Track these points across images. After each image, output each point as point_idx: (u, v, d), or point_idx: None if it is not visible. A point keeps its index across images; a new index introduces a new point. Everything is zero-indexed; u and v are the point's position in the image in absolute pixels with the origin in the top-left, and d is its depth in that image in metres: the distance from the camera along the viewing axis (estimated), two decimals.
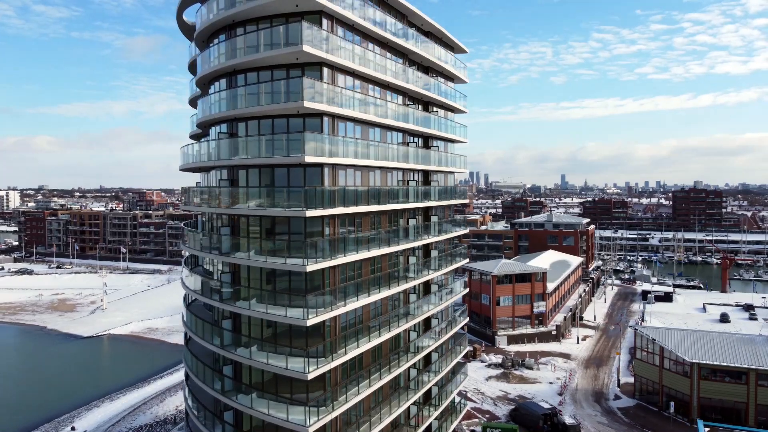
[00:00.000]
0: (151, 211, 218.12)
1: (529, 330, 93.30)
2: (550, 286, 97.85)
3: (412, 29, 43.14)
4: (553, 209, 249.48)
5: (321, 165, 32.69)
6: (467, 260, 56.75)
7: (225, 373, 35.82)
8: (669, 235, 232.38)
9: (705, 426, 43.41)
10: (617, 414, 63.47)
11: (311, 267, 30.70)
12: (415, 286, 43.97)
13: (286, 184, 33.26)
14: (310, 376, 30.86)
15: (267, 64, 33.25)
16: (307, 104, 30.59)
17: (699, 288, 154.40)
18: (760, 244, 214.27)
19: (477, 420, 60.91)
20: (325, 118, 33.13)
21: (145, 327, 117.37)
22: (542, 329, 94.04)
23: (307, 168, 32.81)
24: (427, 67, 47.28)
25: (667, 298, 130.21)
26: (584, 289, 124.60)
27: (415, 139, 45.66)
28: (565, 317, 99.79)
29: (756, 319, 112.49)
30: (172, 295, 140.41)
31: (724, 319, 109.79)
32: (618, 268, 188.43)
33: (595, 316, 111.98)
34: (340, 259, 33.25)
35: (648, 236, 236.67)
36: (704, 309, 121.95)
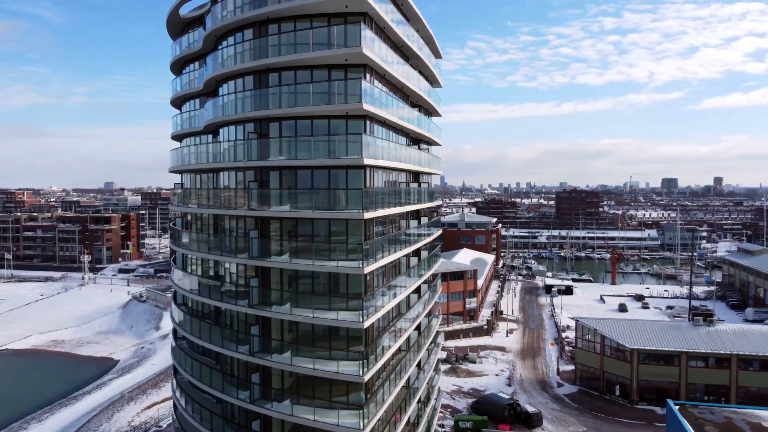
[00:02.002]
0: (36, 213, 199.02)
1: (463, 326, 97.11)
2: (479, 283, 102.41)
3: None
4: (454, 210, 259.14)
5: (364, 167, 32.70)
6: (440, 260, 58.43)
7: (254, 381, 34.59)
8: (555, 233, 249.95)
9: (675, 404, 47.89)
10: (565, 400, 68.20)
11: (369, 269, 30.73)
12: (418, 287, 44.89)
13: (327, 186, 32.86)
14: (366, 378, 30.87)
15: (307, 63, 32.63)
16: (366, 107, 30.54)
17: (590, 281, 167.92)
18: (633, 240, 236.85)
19: (441, 414, 62.75)
20: (367, 120, 33.18)
21: (49, 340, 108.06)
22: (474, 324, 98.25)
23: (349, 170, 32.67)
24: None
25: (568, 291, 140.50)
26: (499, 285, 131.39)
27: (409, 140, 46.54)
28: (491, 312, 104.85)
29: (648, 308, 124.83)
30: (73, 303, 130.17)
31: (622, 308, 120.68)
32: (514, 264, 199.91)
33: (512, 311, 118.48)
34: (381, 261, 33.47)
35: (537, 234, 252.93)
36: (602, 300, 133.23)
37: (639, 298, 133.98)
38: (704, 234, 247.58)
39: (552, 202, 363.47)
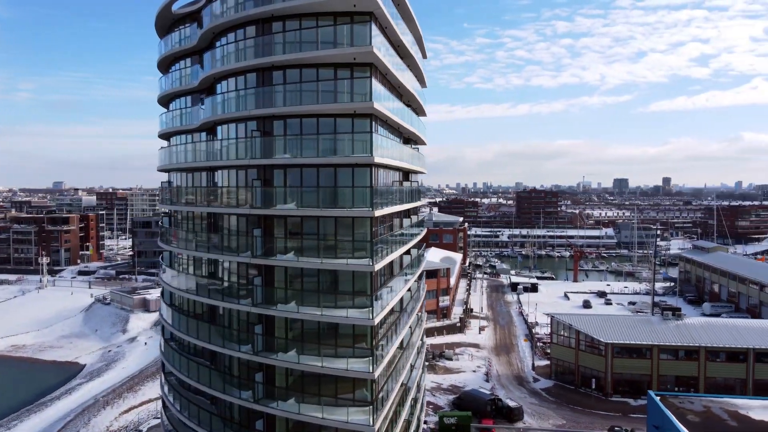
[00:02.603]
0: None
1: (437, 323, 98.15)
2: (451, 282, 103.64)
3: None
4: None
5: (371, 165, 32.93)
6: (425, 260, 59.03)
7: (257, 380, 34.38)
8: (516, 232, 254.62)
9: (656, 395, 49.80)
10: (542, 394, 69.83)
11: (378, 266, 31.01)
12: (410, 286, 45.32)
13: (333, 184, 32.96)
14: (376, 374, 31.15)
15: (313, 62, 32.64)
16: (376, 105, 30.80)
17: (552, 279, 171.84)
18: (591, 238, 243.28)
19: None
20: (373, 119, 33.40)
21: (9, 345, 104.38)
22: (448, 322, 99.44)
23: (356, 168, 32.84)
24: None
25: (533, 288, 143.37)
26: (467, 284, 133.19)
27: (401, 139, 46.95)
28: (463, 310, 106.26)
29: (611, 304, 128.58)
30: (32, 307, 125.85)
31: (586, 305, 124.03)
32: (479, 263, 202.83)
33: (482, 308, 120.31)
34: (386, 259, 33.80)
35: (498, 233, 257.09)
36: (567, 297, 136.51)
37: (601, 294, 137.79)
38: (657, 232, 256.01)
39: (511, 202, 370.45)
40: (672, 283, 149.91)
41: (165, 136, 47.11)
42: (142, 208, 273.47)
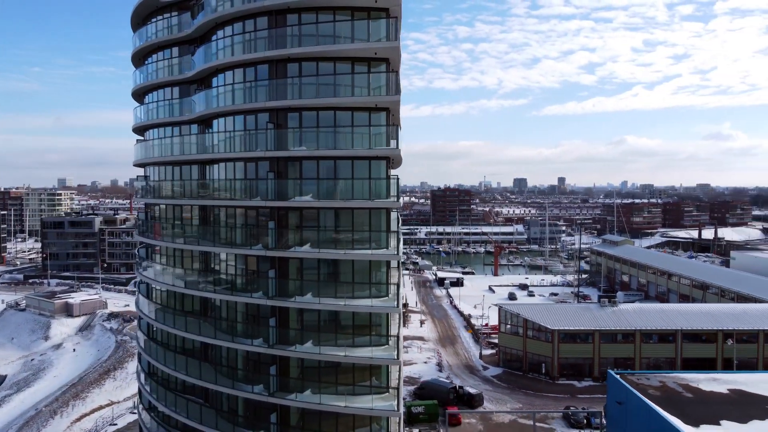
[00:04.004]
0: None
1: None
2: None
3: None
4: None
5: (387, 158, 33.80)
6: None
7: (271, 373, 34.21)
8: (433, 229, 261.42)
9: (616, 374, 53.77)
10: (495, 381, 73.14)
11: (401, 255, 31.93)
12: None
13: (351, 176, 33.46)
14: (401, 360, 32.09)
15: (331, 55, 32.98)
16: (397, 99, 31.71)
17: (472, 274, 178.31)
18: (504, 234, 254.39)
19: None
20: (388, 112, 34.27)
21: None
22: None
23: (372, 161, 33.54)
24: None
25: (459, 283, 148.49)
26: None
27: None
28: (403, 304, 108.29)
29: (534, 296, 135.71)
30: None
31: (511, 297, 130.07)
32: (403, 260, 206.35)
33: (416, 303, 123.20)
34: (400, 249, 34.79)
35: (416, 231, 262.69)
36: (492, 290, 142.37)
37: (523, 287, 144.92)
38: (563, 228, 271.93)
39: (423, 200, 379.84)
40: (586, 275, 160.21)
41: (141, 129, 45.37)
42: (40, 208, 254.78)
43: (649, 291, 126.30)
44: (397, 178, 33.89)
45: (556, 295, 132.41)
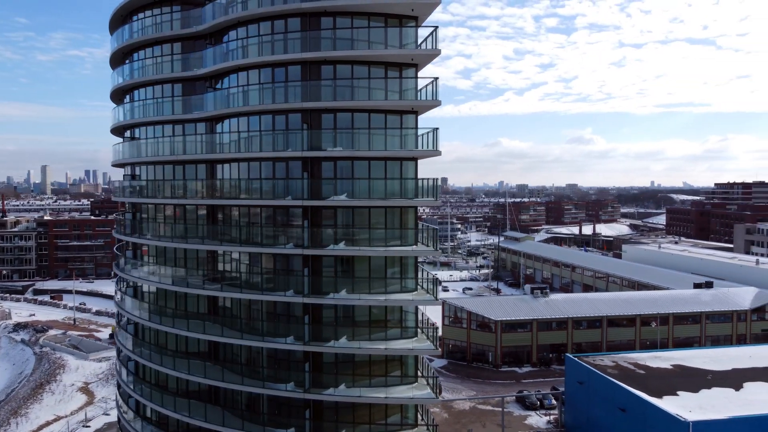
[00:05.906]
0: None
1: None
2: None
3: None
4: None
5: (415, 159, 35.49)
6: None
7: (306, 369, 34.68)
8: None
9: (574, 357, 58.65)
10: (443, 372, 76.48)
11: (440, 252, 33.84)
12: None
13: (384, 176, 34.76)
14: (439, 350, 33.98)
15: (367, 59, 34.09)
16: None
17: None
18: None
19: None
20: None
21: None
22: None
23: (404, 161, 35.09)
24: None
25: None
26: None
27: None
28: None
29: (448, 290, 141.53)
30: None
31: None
32: None
33: None
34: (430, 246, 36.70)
35: None
36: None
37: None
38: (459, 226, 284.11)
39: None
40: (490, 270, 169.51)
41: (125, 128, 43.58)
42: None
43: (554, 283, 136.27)
44: (435, 180, 35.20)
45: (471, 289, 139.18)
